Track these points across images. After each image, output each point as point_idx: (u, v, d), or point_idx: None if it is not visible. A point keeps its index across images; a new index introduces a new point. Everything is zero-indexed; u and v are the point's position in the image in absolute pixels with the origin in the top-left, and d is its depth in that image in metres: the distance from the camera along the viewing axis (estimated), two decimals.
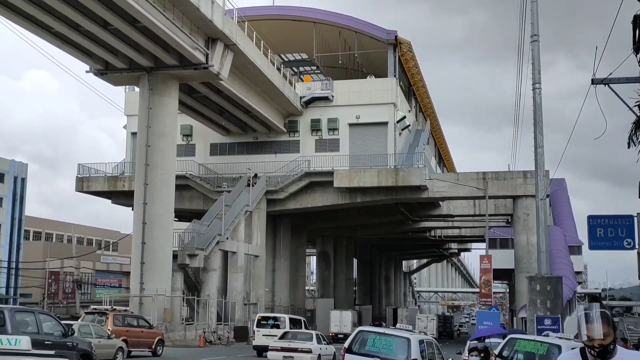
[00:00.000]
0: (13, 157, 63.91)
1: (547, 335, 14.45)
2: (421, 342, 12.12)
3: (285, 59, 55.53)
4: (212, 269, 39.22)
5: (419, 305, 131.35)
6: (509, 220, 58.22)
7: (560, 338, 12.02)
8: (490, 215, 43.77)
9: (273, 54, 45.58)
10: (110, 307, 26.96)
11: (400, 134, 49.37)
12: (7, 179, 57.40)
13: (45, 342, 12.86)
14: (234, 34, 35.57)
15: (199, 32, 33.77)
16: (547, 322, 21.41)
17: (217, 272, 40.22)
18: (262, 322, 30.30)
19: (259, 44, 40.87)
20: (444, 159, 75.71)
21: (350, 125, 48.56)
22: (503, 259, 48.40)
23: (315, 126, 49.03)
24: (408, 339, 11.80)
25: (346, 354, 11.98)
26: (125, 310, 28.76)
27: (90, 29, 30.69)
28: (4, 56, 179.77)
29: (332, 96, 48.86)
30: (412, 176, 43.86)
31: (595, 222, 18.80)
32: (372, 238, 75.29)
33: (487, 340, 21.61)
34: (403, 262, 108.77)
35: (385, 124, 48.01)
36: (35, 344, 9.96)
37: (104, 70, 35.60)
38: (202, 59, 34.24)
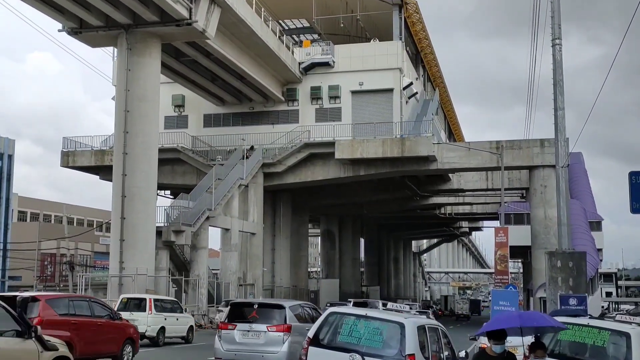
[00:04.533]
0: (17, 141, 61.10)
1: (577, 316, 10.93)
2: (421, 328, 8.40)
3: (285, 27, 52.09)
4: (202, 246, 36.11)
5: (429, 287, 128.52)
6: (524, 195, 54.81)
7: (623, 321, 8.49)
8: (504, 189, 40.33)
9: (270, 18, 42.05)
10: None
11: (407, 102, 45.89)
12: None
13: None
14: None
15: None
16: (573, 301, 18.64)
17: (207, 250, 37.12)
18: None
19: (250, 2, 37.38)
20: (454, 134, 72.05)
21: (353, 92, 45.08)
22: (518, 235, 45.11)
23: (315, 94, 45.58)
24: (402, 325, 8.04)
25: (310, 347, 8.44)
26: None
27: None
28: (7, 39, 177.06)
29: (333, 62, 45.34)
30: (420, 146, 40.46)
31: (638, 179, 15.38)
32: (379, 217, 72.02)
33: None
34: (413, 242, 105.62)
35: (391, 90, 44.50)
36: None
37: (79, 29, 32.28)
38: (185, 14, 30.87)
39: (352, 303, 15.56)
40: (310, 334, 8.59)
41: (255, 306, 14.96)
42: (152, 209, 32.05)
